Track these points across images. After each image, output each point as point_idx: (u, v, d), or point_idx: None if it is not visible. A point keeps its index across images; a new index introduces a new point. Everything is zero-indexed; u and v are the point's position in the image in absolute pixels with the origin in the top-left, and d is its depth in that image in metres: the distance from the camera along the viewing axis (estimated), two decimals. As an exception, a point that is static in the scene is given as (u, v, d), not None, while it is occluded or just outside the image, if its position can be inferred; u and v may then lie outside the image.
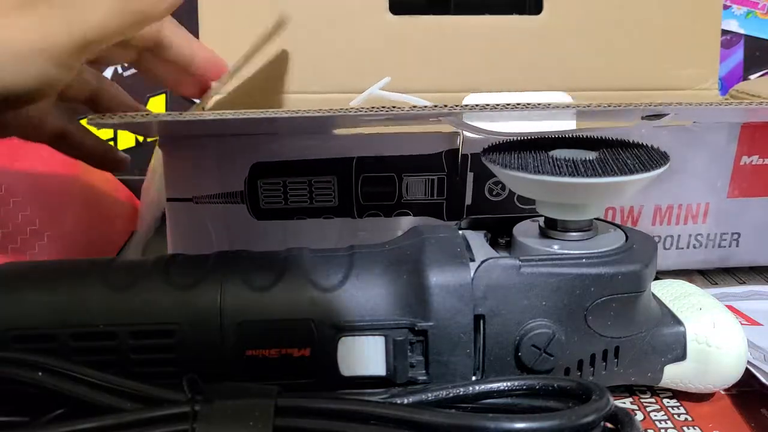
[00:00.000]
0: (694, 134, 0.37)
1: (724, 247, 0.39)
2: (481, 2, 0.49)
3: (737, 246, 0.39)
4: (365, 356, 0.26)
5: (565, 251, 0.27)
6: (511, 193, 0.37)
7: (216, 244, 0.33)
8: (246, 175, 0.36)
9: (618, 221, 0.38)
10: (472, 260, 0.27)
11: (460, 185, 0.36)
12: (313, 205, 0.37)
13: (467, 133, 0.35)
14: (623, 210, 0.38)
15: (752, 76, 0.61)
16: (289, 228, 0.37)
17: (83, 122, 0.34)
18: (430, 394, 0.23)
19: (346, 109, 0.26)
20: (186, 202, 0.36)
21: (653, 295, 0.29)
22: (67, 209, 0.43)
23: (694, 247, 0.39)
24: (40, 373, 0.23)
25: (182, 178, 0.36)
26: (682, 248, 0.39)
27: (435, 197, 0.37)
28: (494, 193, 0.37)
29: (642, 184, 0.26)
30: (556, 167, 0.25)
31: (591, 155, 0.27)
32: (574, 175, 0.24)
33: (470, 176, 0.36)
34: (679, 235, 0.39)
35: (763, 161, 0.38)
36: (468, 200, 0.37)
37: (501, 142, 0.29)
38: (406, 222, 0.37)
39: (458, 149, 0.36)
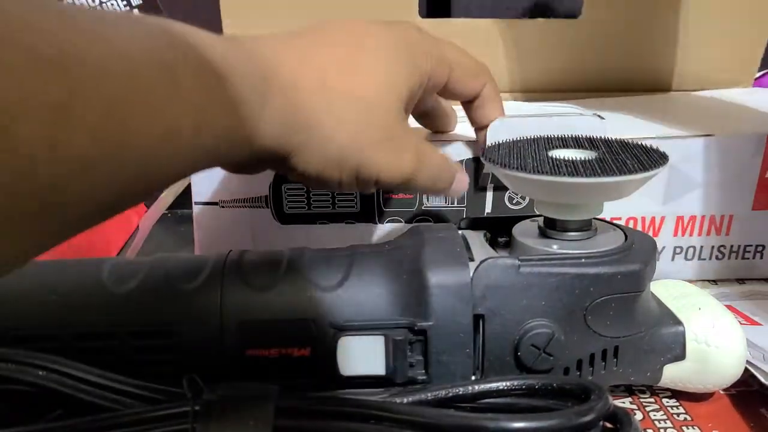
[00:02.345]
0: (719, 145, 0.37)
1: (748, 258, 0.39)
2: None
3: (761, 258, 0.39)
4: (365, 356, 0.26)
5: (565, 251, 0.27)
6: (531, 202, 0.37)
7: (241, 247, 0.34)
8: (271, 181, 0.36)
9: (643, 231, 0.38)
10: (472, 260, 0.27)
11: (481, 193, 0.37)
12: (335, 210, 0.37)
13: (489, 143, 0.35)
14: (644, 219, 0.38)
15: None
16: (312, 232, 0.38)
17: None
18: (429, 394, 0.23)
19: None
20: (212, 206, 0.37)
21: (653, 294, 0.29)
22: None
23: (717, 258, 0.39)
24: (40, 373, 0.23)
25: (209, 183, 0.37)
26: (704, 259, 0.39)
27: (455, 205, 0.37)
28: (514, 201, 0.37)
29: (641, 184, 0.26)
30: (556, 167, 0.25)
31: (590, 155, 0.27)
32: (573, 175, 0.24)
33: (491, 185, 0.36)
34: (701, 246, 0.39)
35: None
36: (488, 208, 0.37)
37: (501, 142, 0.29)
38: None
39: (479, 157, 0.36)
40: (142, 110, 0.16)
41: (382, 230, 0.38)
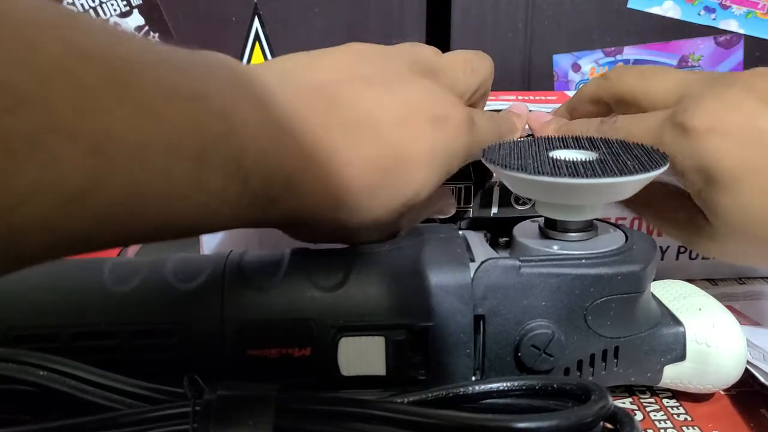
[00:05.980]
0: None
1: None
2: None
3: None
4: (365, 356, 0.26)
5: (565, 252, 0.27)
6: None
7: (247, 247, 0.33)
8: None
9: (643, 231, 0.38)
10: (472, 260, 0.27)
11: (487, 193, 0.36)
12: None
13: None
14: (649, 220, 0.38)
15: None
16: None
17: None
18: (429, 394, 0.23)
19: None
20: None
21: (653, 295, 0.29)
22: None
23: None
24: (41, 372, 0.23)
25: None
26: (708, 258, 0.39)
27: (461, 205, 0.37)
28: (520, 201, 0.37)
29: (641, 184, 0.26)
30: (556, 168, 0.25)
31: (591, 156, 0.27)
32: (573, 176, 0.24)
33: (497, 184, 0.36)
34: None
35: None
36: (494, 209, 0.37)
37: (501, 143, 0.29)
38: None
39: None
40: (157, 203, 0.15)
41: None
